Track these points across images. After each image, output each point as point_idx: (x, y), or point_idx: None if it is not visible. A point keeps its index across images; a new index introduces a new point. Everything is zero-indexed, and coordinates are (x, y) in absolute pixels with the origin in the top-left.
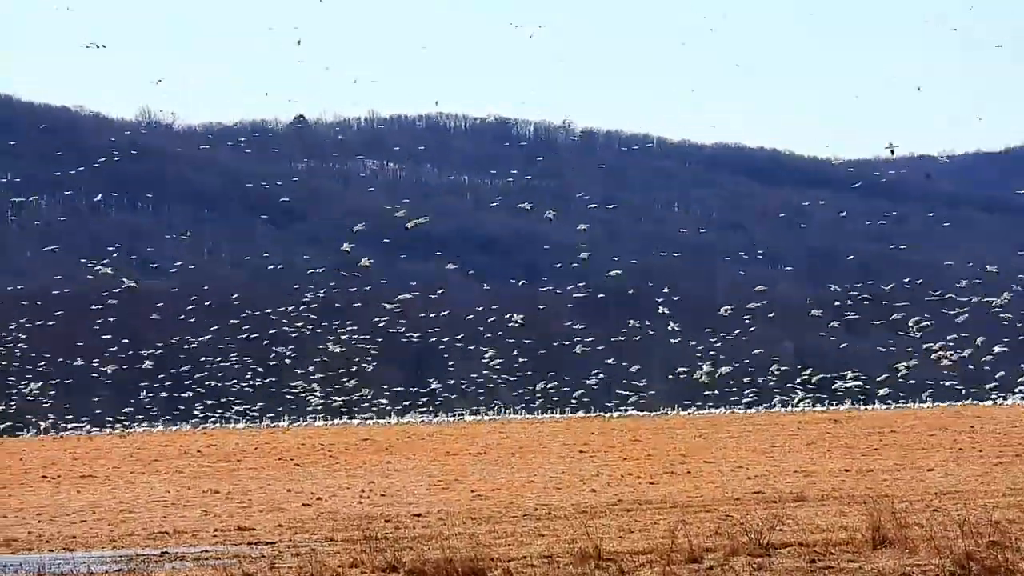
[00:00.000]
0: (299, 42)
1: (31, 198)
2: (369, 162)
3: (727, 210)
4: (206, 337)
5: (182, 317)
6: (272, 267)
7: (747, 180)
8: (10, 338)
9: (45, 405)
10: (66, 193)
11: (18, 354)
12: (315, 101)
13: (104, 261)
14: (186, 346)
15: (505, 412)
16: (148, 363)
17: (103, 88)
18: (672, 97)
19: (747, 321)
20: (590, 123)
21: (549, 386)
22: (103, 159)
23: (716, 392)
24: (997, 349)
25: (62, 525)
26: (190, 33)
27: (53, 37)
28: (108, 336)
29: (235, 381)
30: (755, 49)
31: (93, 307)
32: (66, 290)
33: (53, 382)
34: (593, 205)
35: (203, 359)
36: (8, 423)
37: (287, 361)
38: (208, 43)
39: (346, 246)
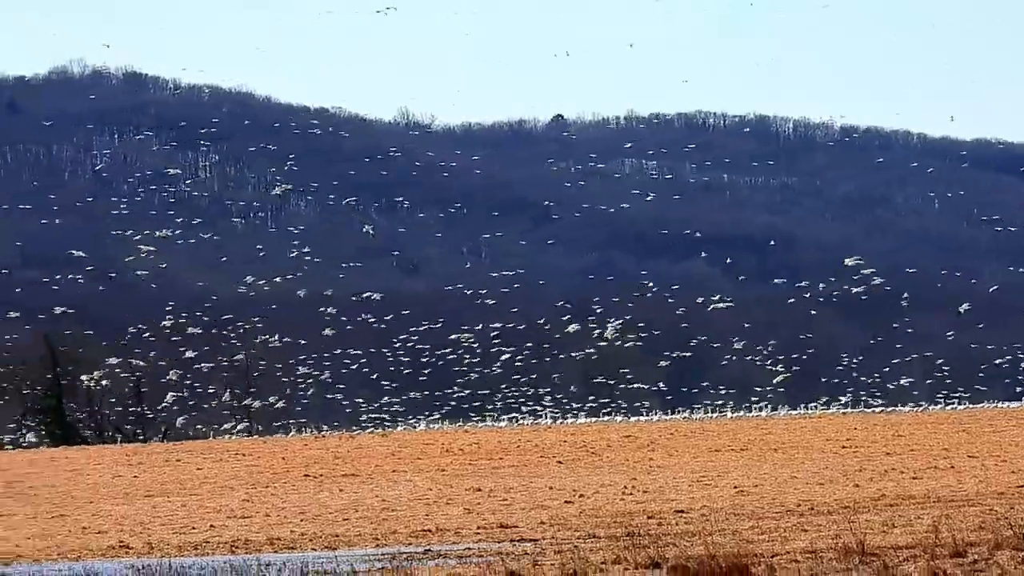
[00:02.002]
0: (567, 53)
1: (290, 200)
2: (628, 161)
3: (986, 207)
4: (466, 336)
5: (441, 317)
6: (531, 267)
7: (1008, 176)
8: (271, 339)
9: (306, 403)
10: (321, 196)
11: (276, 354)
12: (574, 100)
13: (362, 262)
14: (445, 345)
15: (766, 409)
16: (408, 360)
17: (362, 90)
18: (932, 93)
19: (1008, 316)
20: (850, 120)
21: (808, 382)
22: (363, 161)
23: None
24: None
25: (324, 524)
26: (448, 35)
27: (312, 39)
28: (367, 336)
29: (495, 379)
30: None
31: (352, 307)
32: (326, 291)
33: (312, 380)
34: (852, 203)
35: (463, 358)
36: (273, 422)
37: (546, 359)
38: (468, 44)
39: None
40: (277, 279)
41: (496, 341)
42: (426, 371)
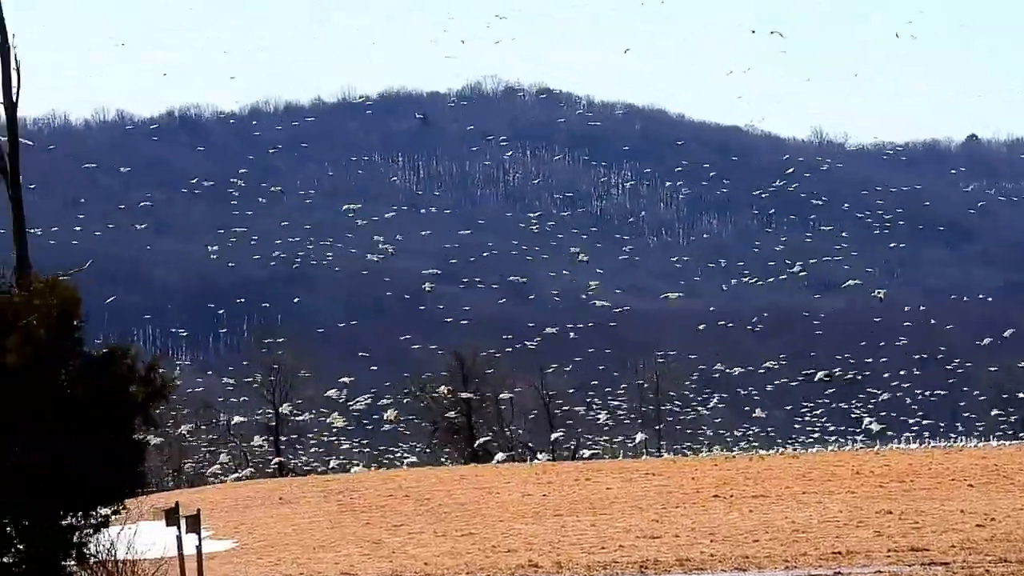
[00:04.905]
0: None
1: (702, 216)
2: None
3: None
4: (879, 355)
5: (854, 335)
6: (947, 286)
7: None
8: (682, 355)
9: (716, 422)
10: (734, 212)
11: (685, 371)
12: (987, 121)
13: (775, 279)
14: (859, 364)
15: None
16: (821, 379)
17: (773, 107)
18: None
19: None
20: None
21: None
22: (775, 178)
23: None
24: None
25: (734, 545)
26: (862, 54)
27: (719, 57)
28: (778, 352)
29: (908, 401)
30: None
31: (766, 324)
32: (738, 307)
33: (724, 397)
34: None
35: (874, 378)
36: (681, 440)
37: (959, 379)
38: (880, 63)
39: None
40: (689, 296)
41: (906, 362)
42: (838, 390)
